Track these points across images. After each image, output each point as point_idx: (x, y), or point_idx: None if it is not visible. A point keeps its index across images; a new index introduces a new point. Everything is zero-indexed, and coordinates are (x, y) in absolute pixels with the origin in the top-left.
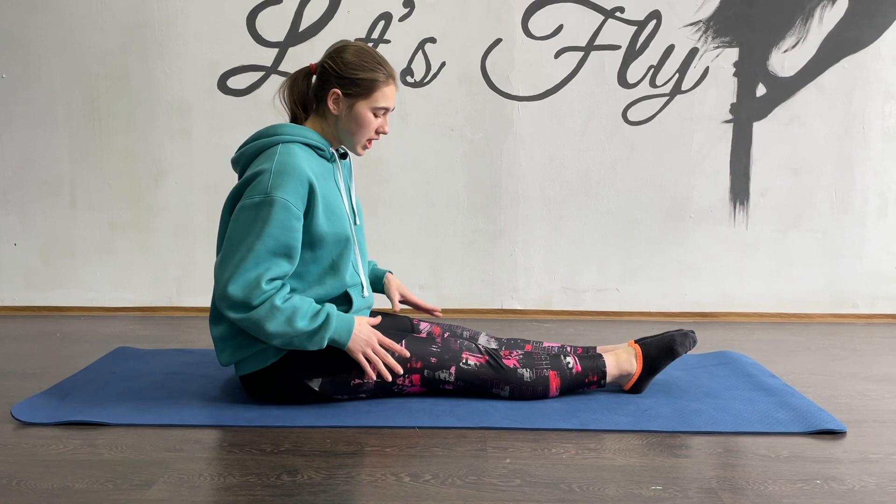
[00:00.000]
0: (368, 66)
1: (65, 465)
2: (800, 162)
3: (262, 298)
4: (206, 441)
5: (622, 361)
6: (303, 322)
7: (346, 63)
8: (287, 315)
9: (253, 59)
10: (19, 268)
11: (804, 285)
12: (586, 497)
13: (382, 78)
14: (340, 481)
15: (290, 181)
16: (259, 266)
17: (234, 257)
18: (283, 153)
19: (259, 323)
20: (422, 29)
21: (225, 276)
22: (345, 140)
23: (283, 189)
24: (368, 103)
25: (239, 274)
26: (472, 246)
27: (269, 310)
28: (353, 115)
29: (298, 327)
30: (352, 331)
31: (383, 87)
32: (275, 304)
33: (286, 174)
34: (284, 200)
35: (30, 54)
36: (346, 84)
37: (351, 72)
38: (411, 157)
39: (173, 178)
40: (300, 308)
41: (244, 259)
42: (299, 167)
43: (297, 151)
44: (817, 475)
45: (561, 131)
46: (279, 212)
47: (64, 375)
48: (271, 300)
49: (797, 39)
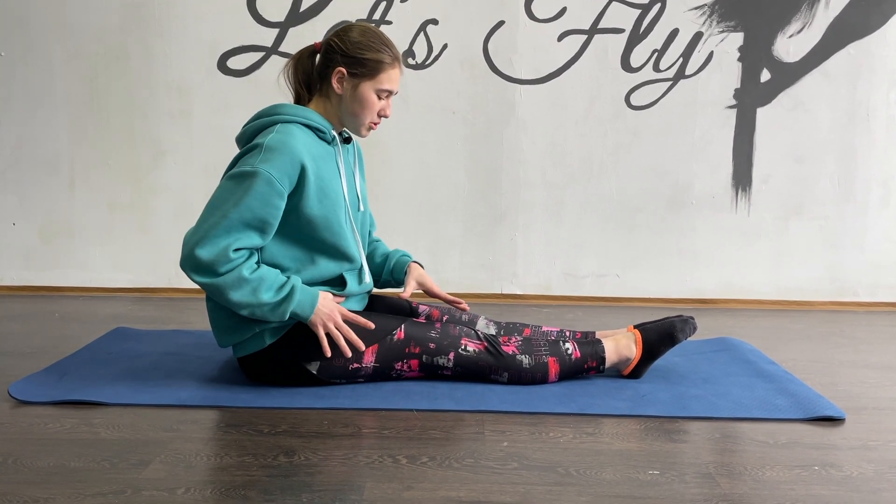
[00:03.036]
0: (375, 46)
1: (61, 443)
2: (803, 149)
3: (229, 267)
4: (203, 421)
5: (621, 347)
6: (268, 294)
7: (352, 42)
8: (253, 286)
9: (253, 40)
10: (18, 247)
11: (805, 273)
12: (583, 481)
13: (388, 60)
14: (337, 463)
15: (279, 158)
16: (230, 235)
17: (207, 221)
18: (279, 131)
19: (224, 291)
20: (423, 10)
21: (194, 239)
22: (347, 121)
23: (270, 164)
24: (373, 84)
25: (209, 239)
26: (473, 230)
27: (237, 279)
28: (357, 96)
29: (263, 299)
30: (315, 305)
31: (389, 70)
32: (242, 275)
33: (277, 150)
34: (269, 175)
35: (29, 32)
36: (352, 63)
37: (357, 51)
38: (412, 141)
39: (173, 158)
40: (266, 279)
41: (216, 225)
42: (292, 146)
43: (294, 132)
44: (815, 461)
45: (563, 116)
46: (261, 185)
47: (62, 355)
48: (239, 269)
49: (803, 24)
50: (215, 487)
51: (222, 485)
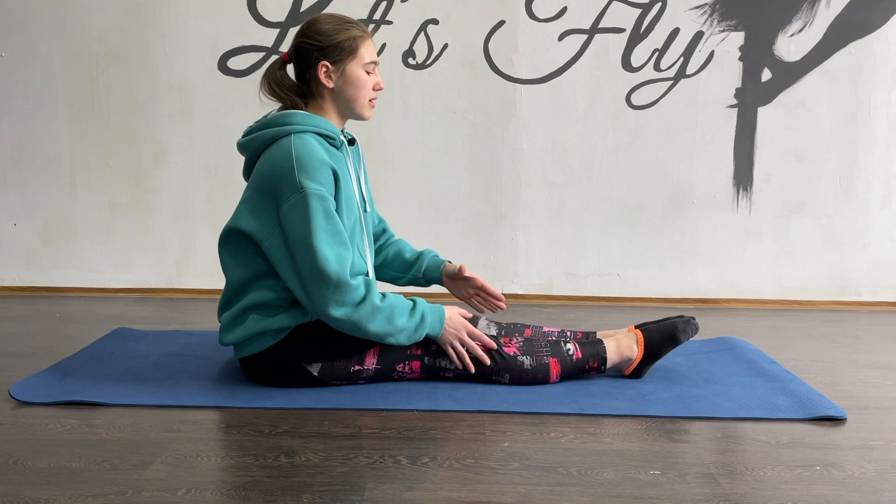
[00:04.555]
0: (343, 27)
1: (62, 444)
2: (804, 148)
3: (357, 296)
4: (203, 422)
5: (623, 347)
6: (402, 319)
7: (322, 33)
8: (387, 314)
9: (253, 40)
10: (19, 248)
11: (807, 272)
12: (584, 481)
13: (360, 34)
14: (338, 463)
15: (316, 171)
16: (328, 265)
17: (304, 264)
18: (297, 145)
19: (360, 324)
20: (424, 10)
21: (316, 292)
22: (348, 110)
23: (312, 180)
24: (358, 62)
25: (319, 280)
26: (473, 230)
27: (371, 311)
28: (349, 79)
29: (398, 325)
30: (444, 322)
31: (365, 43)
32: (375, 305)
33: (310, 165)
34: (318, 190)
35: (29, 33)
36: (331, 52)
37: (331, 38)
38: (412, 140)
39: (173, 159)
40: (396, 305)
41: (314, 261)
42: (321, 157)
43: (311, 142)
44: (817, 461)
45: (564, 115)
46: (315, 202)
47: (63, 355)
48: (371, 300)
49: (804, 23)
50: (216, 488)
51: (223, 485)
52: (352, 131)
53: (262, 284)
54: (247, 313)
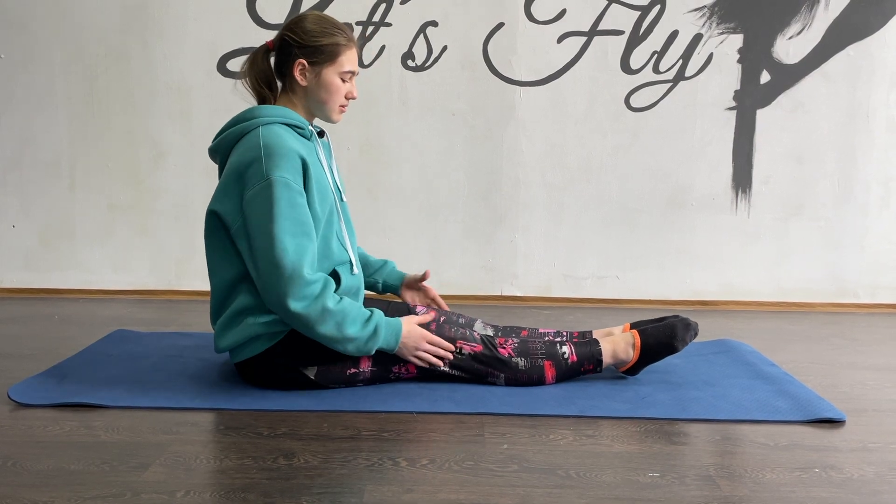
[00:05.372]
0: (329, 32)
1: (61, 446)
2: (803, 150)
3: (310, 291)
4: (202, 424)
5: (619, 350)
6: (353, 328)
7: (306, 32)
8: (338, 320)
9: (253, 42)
10: (18, 249)
11: (805, 274)
12: (583, 483)
13: (344, 41)
14: (337, 465)
15: (282, 159)
16: (285, 254)
17: (260, 249)
18: (265, 135)
19: (310, 324)
20: (423, 12)
21: (272, 283)
22: (317, 110)
23: (279, 168)
24: (335, 68)
25: (275, 262)
26: (473, 232)
27: (322, 312)
28: (322, 83)
29: (348, 333)
30: (399, 338)
31: (347, 51)
32: (327, 306)
33: (277, 153)
34: (284, 179)
35: (29, 34)
36: (310, 52)
37: (313, 39)
38: (412, 142)
39: (173, 160)
40: (350, 312)
41: (269, 248)
42: (289, 145)
43: (279, 131)
44: (816, 464)
45: (563, 117)
46: (281, 190)
47: (62, 357)
48: (324, 301)
49: (803, 26)
50: (215, 490)
51: (222, 488)
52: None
53: (248, 286)
54: (239, 317)
